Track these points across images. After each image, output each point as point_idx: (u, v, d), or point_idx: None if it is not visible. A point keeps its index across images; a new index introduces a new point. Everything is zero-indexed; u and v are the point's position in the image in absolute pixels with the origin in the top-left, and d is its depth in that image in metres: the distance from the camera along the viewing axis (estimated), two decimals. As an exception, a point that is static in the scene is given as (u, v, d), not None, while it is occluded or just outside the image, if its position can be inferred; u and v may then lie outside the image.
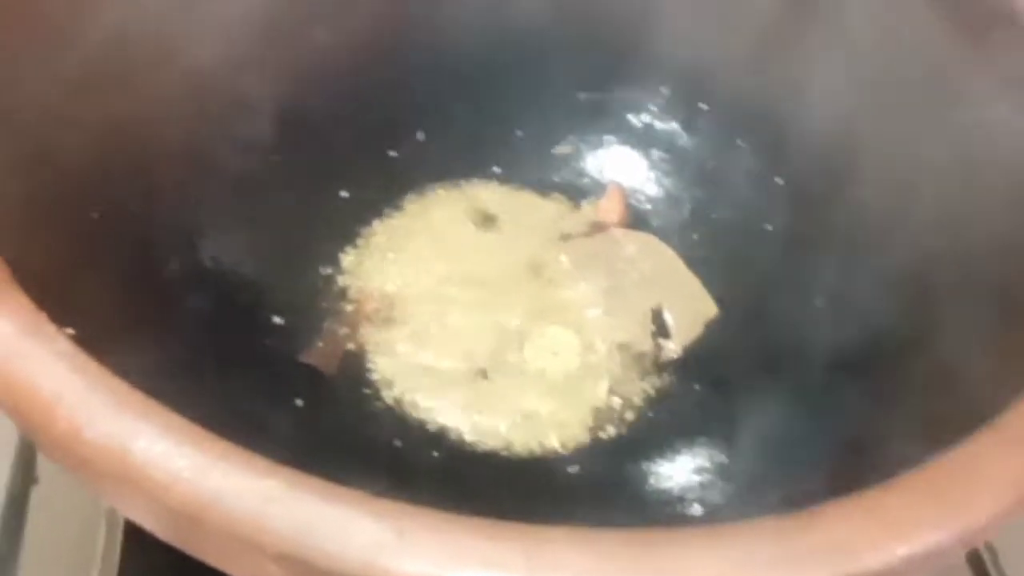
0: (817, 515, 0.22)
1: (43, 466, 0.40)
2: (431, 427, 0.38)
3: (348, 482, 0.22)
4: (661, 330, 0.41)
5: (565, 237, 0.44)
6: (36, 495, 0.40)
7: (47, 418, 0.23)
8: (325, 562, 0.21)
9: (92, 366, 0.23)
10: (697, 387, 0.40)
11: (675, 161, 0.45)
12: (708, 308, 0.42)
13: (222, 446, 0.23)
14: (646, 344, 0.41)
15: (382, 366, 0.39)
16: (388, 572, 0.21)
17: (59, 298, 0.25)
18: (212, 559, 0.24)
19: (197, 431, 0.23)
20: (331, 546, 0.21)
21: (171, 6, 0.37)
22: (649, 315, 0.42)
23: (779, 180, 0.43)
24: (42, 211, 0.31)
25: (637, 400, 0.39)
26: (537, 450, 0.37)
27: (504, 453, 0.37)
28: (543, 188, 0.45)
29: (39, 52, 0.33)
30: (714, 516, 0.34)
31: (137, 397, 0.23)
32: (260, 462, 0.22)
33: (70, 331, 0.24)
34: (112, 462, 0.22)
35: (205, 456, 0.22)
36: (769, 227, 0.43)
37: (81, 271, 0.32)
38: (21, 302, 0.24)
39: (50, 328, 0.24)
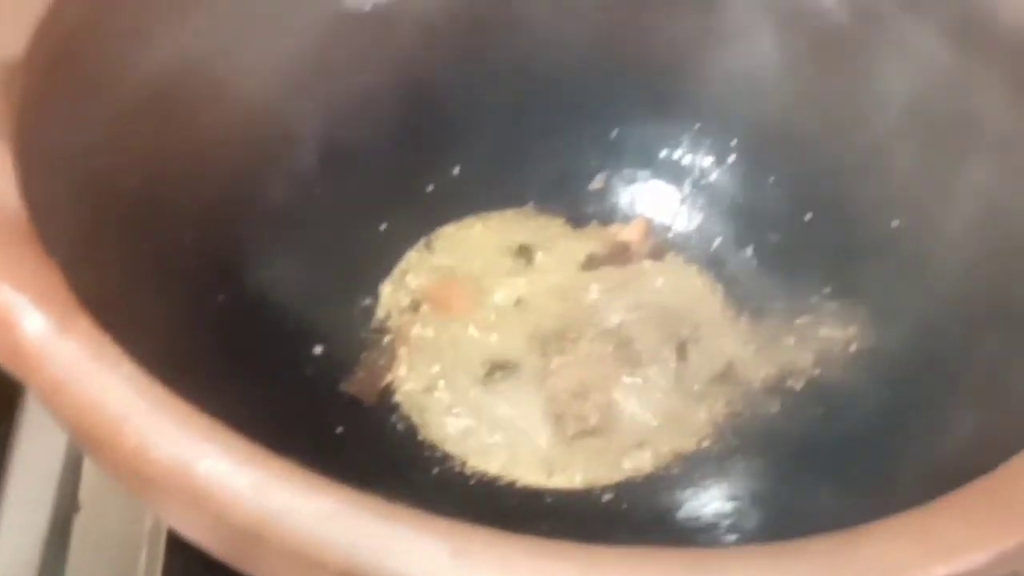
0: (862, 535, 0.23)
1: (85, 493, 0.41)
2: (464, 458, 0.38)
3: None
4: (686, 362, 0.42)
5: (594, 266, 0.45)
6: (79, 522, 0.40)
7: (114, 437, 0.23)
8: (385, 578, 0.22)
9: (156, 388, 0.24)
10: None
11: (707, 195, 0.46)
12: (734, 343, 0.42)
13: (282, 465, 0.23)
14: (670, 375, 0.41)
15: (417, 397, 0.40)
16: (446, 588, 0.22)
17: (112, 326, 0.26)
18: (272, 578, 0.25)
19: (258, 451, 0.23)
20: (391, 563, 0.22)
21: (223, 42, 0.38)
22: (674, 347, 0.42)
23: (808, 216, 0.44)
24: (97, 241, 0.32)
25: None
26: (571, 484, 0.38)
27: (539, 485, 0.38)
28: (577, 221, 0.46)
29: (96, 84, 0.34)
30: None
31: (200, 418, 0.24)
32: (319, 481, 0.23)
33: (124, 357, 0.25)
34: (177, 480, 0.23)
35: (266, 474, 0.23)
36: (799, 262, 0.44)
37: (133, 300, 0.33)
38: (86, 325, 0.25)
39: (115, 350, 0.25)
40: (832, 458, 0.36)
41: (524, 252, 0.45)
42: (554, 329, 0.42)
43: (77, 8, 0.33)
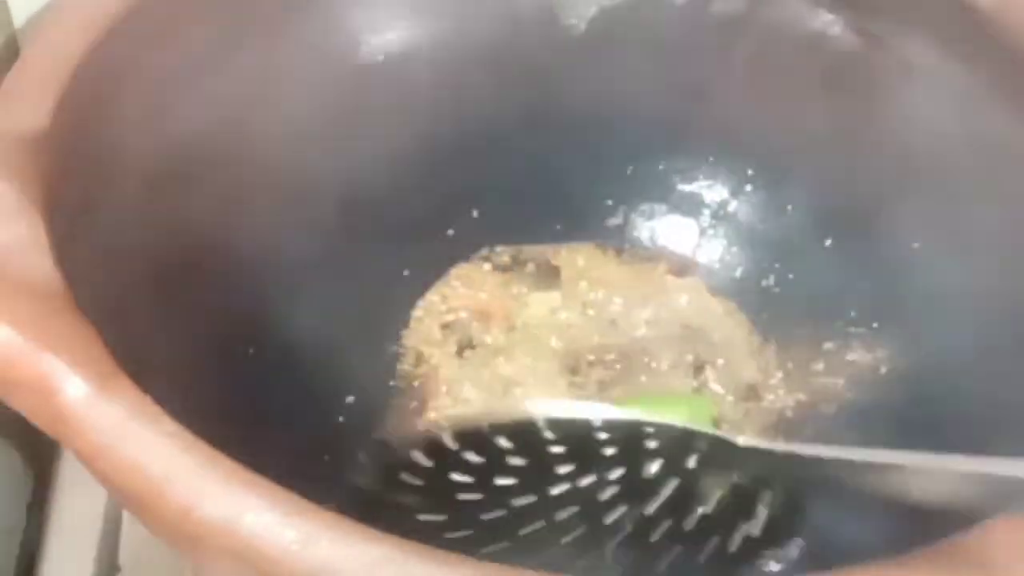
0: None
1: (125, 555, 0.41)
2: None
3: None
4: (703, 383, 0.42)
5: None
6: (120, 583, 0.40)
7: (159, 498, 0.23)
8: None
9: (199, 445, 0.24)
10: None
11: (726, 226, 0.46)
12: (750, 368, 0.43)
13: (329, 516, 0.23)
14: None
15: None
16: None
17: (149, 386, 0.26)
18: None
19: (303, 503, 0.23)
20: (442, 609, 0.22)
21: (242, 104, 0.38)
22: (691, 367, 0.43)
23: (828, 241, 0.44)
24: (130, 303, 0.33)
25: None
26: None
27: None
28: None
29: (119, 151, 0.35)
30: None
31: (243, 473, 0.24)
32: (366, 530, 0.23)
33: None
34: (224, 537, 0.23)
35: (312, 526, 0.23)
36: (821, 288, 0.44)
37: (168, 359, 0.33)
38: (126, 386, 0.25)
39: (155, 409, 0.25)
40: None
41: (550, 271, 0.46)
42: (578, 348, 0.43)
43: (97, 78, 0.33)
